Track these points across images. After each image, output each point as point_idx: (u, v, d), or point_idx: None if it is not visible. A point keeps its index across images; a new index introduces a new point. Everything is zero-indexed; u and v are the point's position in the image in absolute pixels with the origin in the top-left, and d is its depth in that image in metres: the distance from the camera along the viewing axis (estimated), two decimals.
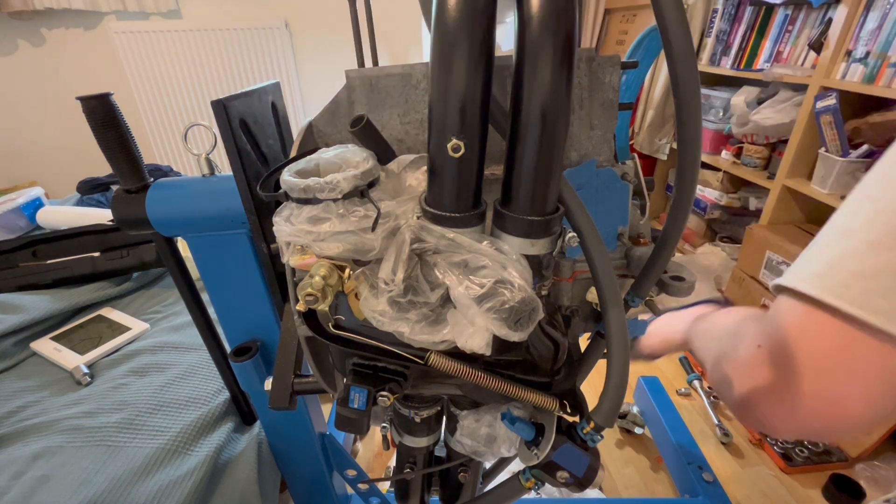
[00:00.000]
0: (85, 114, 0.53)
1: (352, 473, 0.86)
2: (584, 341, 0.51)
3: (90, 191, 1.58)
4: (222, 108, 0.48)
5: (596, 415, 0.37)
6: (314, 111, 0.47)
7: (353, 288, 0.38)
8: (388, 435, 0.64)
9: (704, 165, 2.08)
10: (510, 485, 0.47)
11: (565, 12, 0.29)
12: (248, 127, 0.53)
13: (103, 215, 1.34)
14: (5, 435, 0.76)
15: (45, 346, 0.96)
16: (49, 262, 1.14)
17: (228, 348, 0.71)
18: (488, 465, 0.75)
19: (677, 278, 0.46)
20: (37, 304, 1.04)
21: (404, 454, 0.65)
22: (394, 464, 0.68)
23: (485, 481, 0.75)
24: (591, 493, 1.15)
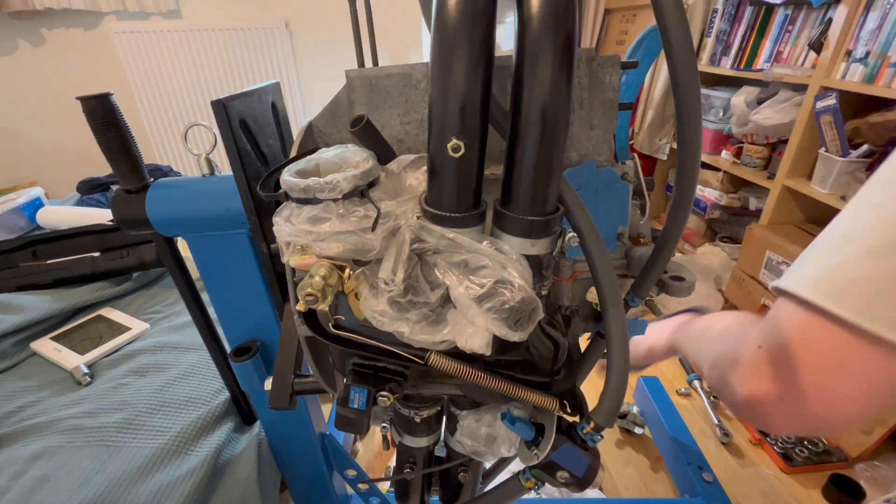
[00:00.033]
0: (85, 114, 0.53)
1: (352, 473, 0.86)
2: (584, 341, 0.50)
3: (90, 191, 1.59)
4: (222, 108, 0.48)
5: (596, 415, 0.37)
6: (314, 111, 0.47)
7: (353, 288, 0.38)
8: (388, 435, 0.64)
9: (704, 165, 2.08)
10: (510, 485, 0.47)
11: (565, 12, 0.29)
12: (248, 127, 0.53)
13: (103, 215, 1.34)
14: (5, 435, 0.76)
15: (45, 346, 0.96)
16: (49, 262, 1.14)
17: (228, 348, 0.71)
18: (488, 465, 0.75)
19: (677, 278, 0.46)
20: (37, 304, 1.04)
21: (404, 454, 0.65)
22: (394, 464, 0.68)
23: (485, 481, 0.75)
24: (591, 493, 1.15)
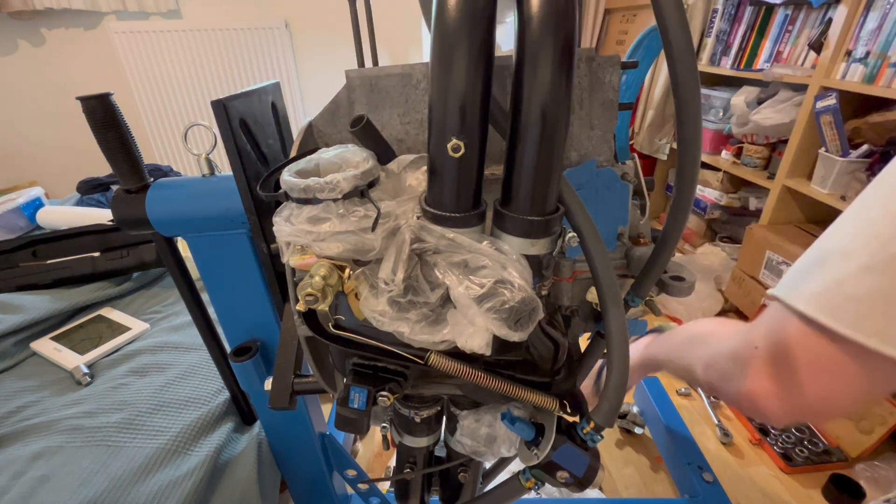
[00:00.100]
0: (85, 114, 0.53)
1: (352, 473, 0.86)
2: (584, 341, 0.51)
3: (90, 191, 1.59)
4: (222, 108, 0.48)
5: (596, 415, 0.37)
6: (314, 111, 0.47)
7: (353, 288, 0.38)
8: (388, 435, 0.64)
9: (704, 165, 2.08)
10: (510, 485, 0.47)
11: (565, 12, 0.29)
12: (248, 127, 0.53)
13: (103, 215, 1.34)
14: (5, 435, 0.76)
15: (45, 346, 0.96)
16: (49, 262, 1.14)
17: (228, 348, 0.71)
18: (488, 465, 0.75)
19: (677, 278, 0.46)
20: (37, 304, 1.04)
21: (404, 454, 0.65)
22: (394, 464, 0.68)
23: (485, 481, 0.75)
24: (591, 493, 1.15)
